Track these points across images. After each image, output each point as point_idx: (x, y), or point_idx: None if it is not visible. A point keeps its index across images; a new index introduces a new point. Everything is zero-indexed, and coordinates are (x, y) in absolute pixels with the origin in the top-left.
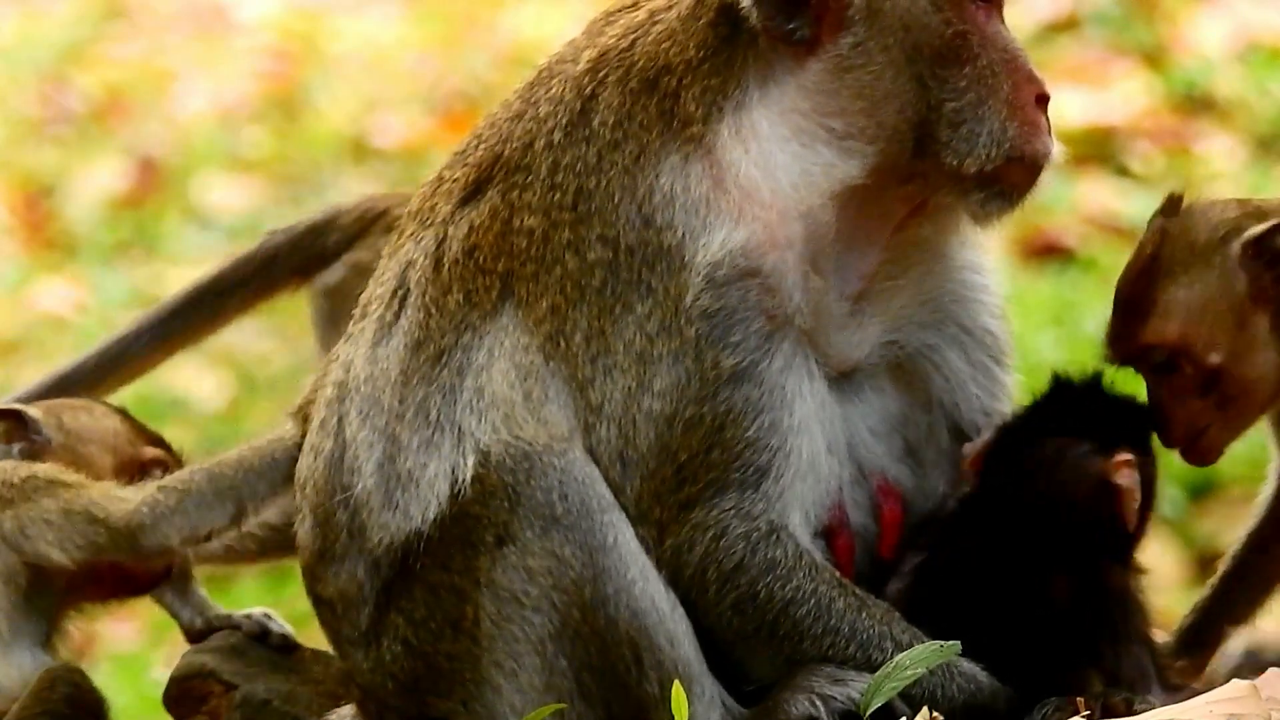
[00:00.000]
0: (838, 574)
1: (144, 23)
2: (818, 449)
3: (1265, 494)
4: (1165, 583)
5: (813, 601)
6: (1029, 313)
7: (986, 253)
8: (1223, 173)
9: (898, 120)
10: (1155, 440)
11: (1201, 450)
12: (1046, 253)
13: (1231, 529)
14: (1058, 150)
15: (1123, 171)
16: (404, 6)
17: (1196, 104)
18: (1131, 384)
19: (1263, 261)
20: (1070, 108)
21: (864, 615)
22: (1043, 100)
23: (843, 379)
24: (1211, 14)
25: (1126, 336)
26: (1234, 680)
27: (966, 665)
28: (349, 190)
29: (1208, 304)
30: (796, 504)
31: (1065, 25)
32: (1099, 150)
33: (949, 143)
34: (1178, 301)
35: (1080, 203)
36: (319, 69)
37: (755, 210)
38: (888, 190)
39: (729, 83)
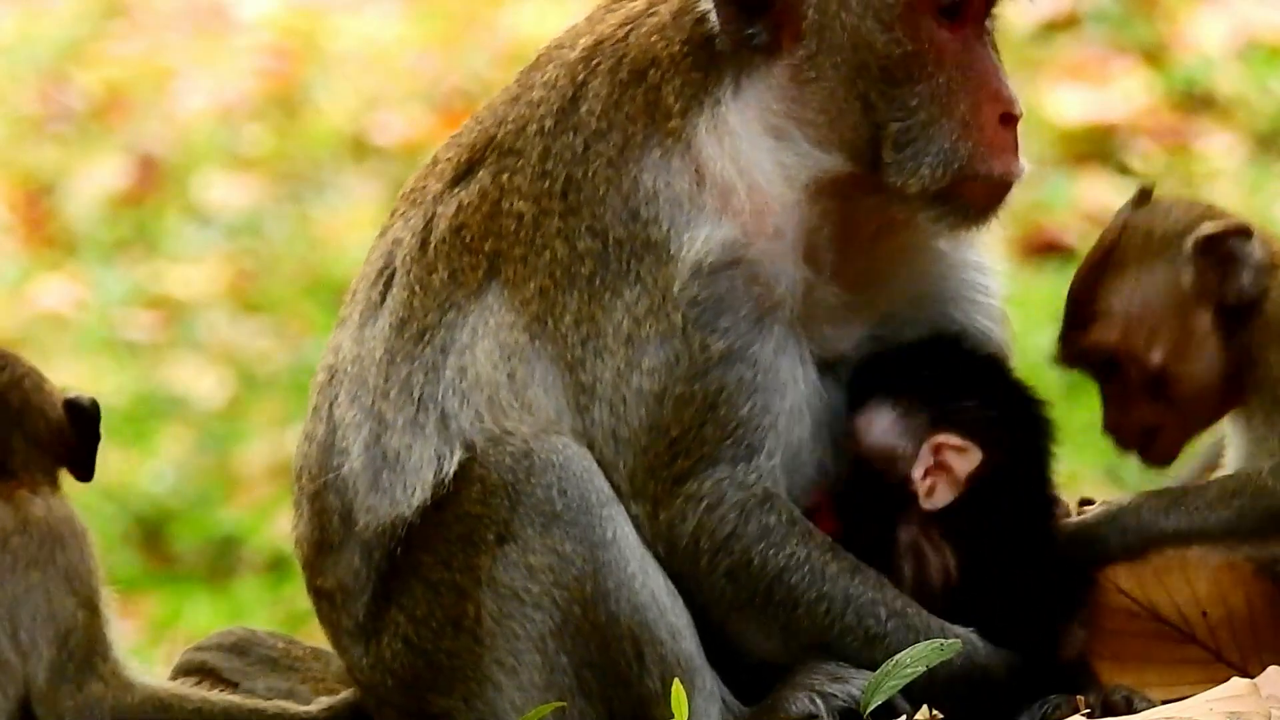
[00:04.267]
0: (829, 539)
1: (144, 21)
2: (806, 433)
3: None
4: None
5: (806, 568)
6: (1029, 311)
7: (989, 252)
8: (1223, 170)
9: (853, 136)
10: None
11: (1158, 453)
12: (1046, 251)
13: None
14: (1021, 170)
15: (1123, 169)
16: (404, 4)
17: (1196, 102)
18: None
19: (1211, 259)
20: (1070, 105)
21: (857, 581)
22: (1009, 120)
23: (826, 368)
24: (1211, 11)
25: (1071, 340)
26: (1234, 679)
27: (960, 630)
28: (349, 188)
29: (1152, 300)
30: (785, 479)
31: (1065, 23)
32: (1099, 148)
33: (892, 163)
34: (1121, 302)
35: (1080, 200)
36: (319, 67)
37: (735, 204)
38: (865, 195)
39: (710, 78)
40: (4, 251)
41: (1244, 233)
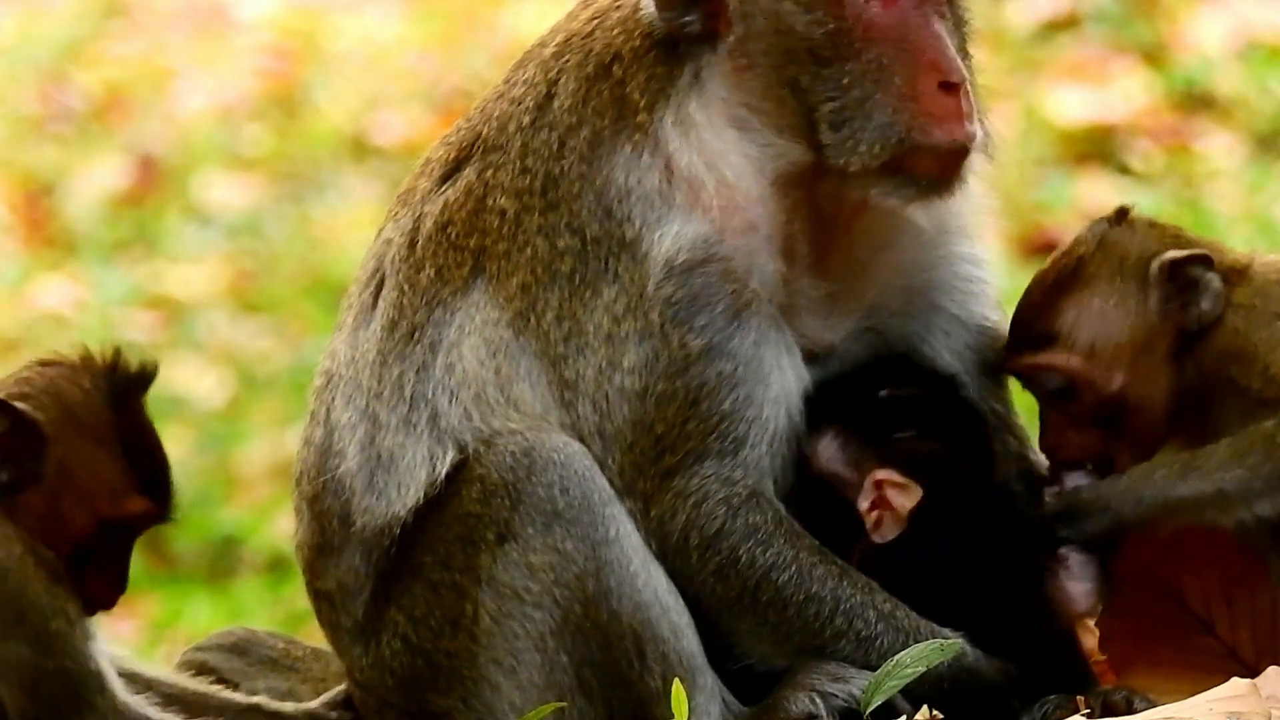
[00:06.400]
0: (817, 542)
1: (144, 21)
2: (795, 420)
3: None
4: None
5: (794, 568)
6: None
7: (983, 244)
8: (1223, 170)
9: (793, 121)
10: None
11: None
12: (1046, 250)
13: None
14: (971, 134)
15: (1123, 169)
16: (404, 4)
17: (1196, 102)
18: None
19: (1175, 285)
20: (1070, 106)
21: (845, 584)
22: (949, 87)
23: (818, 360)
24: (1211, 12)
25: (1025, 356)
26: (1234, 679)
27: (949, 633)
28: (349, 188)
29: (1119, 325)
30: (770, 473)
31: (1065, 23)
32: (1099, 148)
33: (831, 144)
34: (1087, 323)
35: (1080, 200)
36: (319, 67)
37: (705, 200)
38: (825, 181)
39: (673, 71)
40: (4, 251)
41: (1206, 260)
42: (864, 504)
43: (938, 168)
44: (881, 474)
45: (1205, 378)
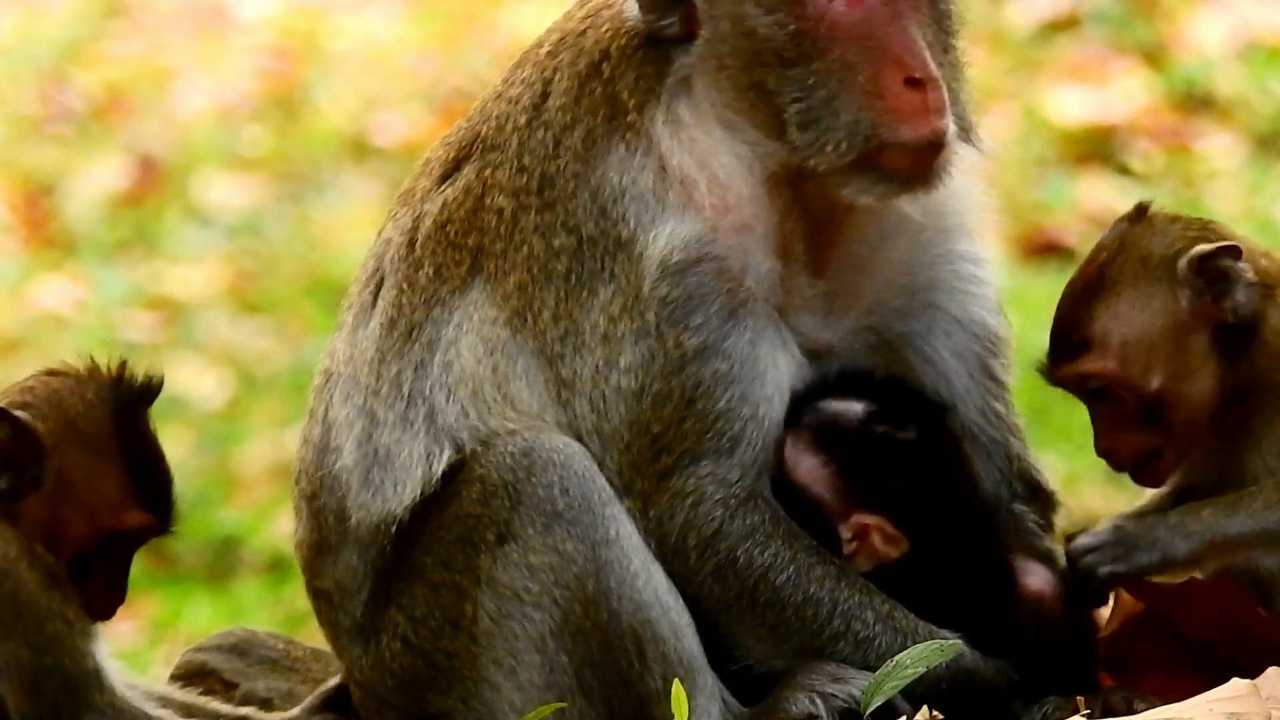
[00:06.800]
0: (815, 542)
1: (144, 21)
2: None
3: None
4: None
5: (792, 568)
6: (1029, 311)
7: (984, 243)
8: (1223, 171)
9: (766, 120)
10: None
11: (1155, 475)
12: (1047, 251)
13: None
14: (940, 129)
15: (1123, 170)
16: (404, 5)
17: (1196, 102)
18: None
19: (1205, 280)
20: (1070, 106)
21: (843, 584)
22: (914, 83)
23: (818, 357)
24: (1212, 12)
25: (1063, 366)
26: (1234, 680)
27: (947, 634)
28: (349, 188)
29: (1148, 326)
30: (768, 472)
31: (1065, 24)
32: (1099, 148)
33: (800, 145)
34: (1117, 328)
35: (1080, 201)
36: (319, 67)
37: (698, 199)
38: (809, 179)
39: (662, 71)
40: (4, 251)
41: (1235, 251)
42: (845, 534)
43: (909, 164)
44: (873, 520)
45: (1257, 378)
